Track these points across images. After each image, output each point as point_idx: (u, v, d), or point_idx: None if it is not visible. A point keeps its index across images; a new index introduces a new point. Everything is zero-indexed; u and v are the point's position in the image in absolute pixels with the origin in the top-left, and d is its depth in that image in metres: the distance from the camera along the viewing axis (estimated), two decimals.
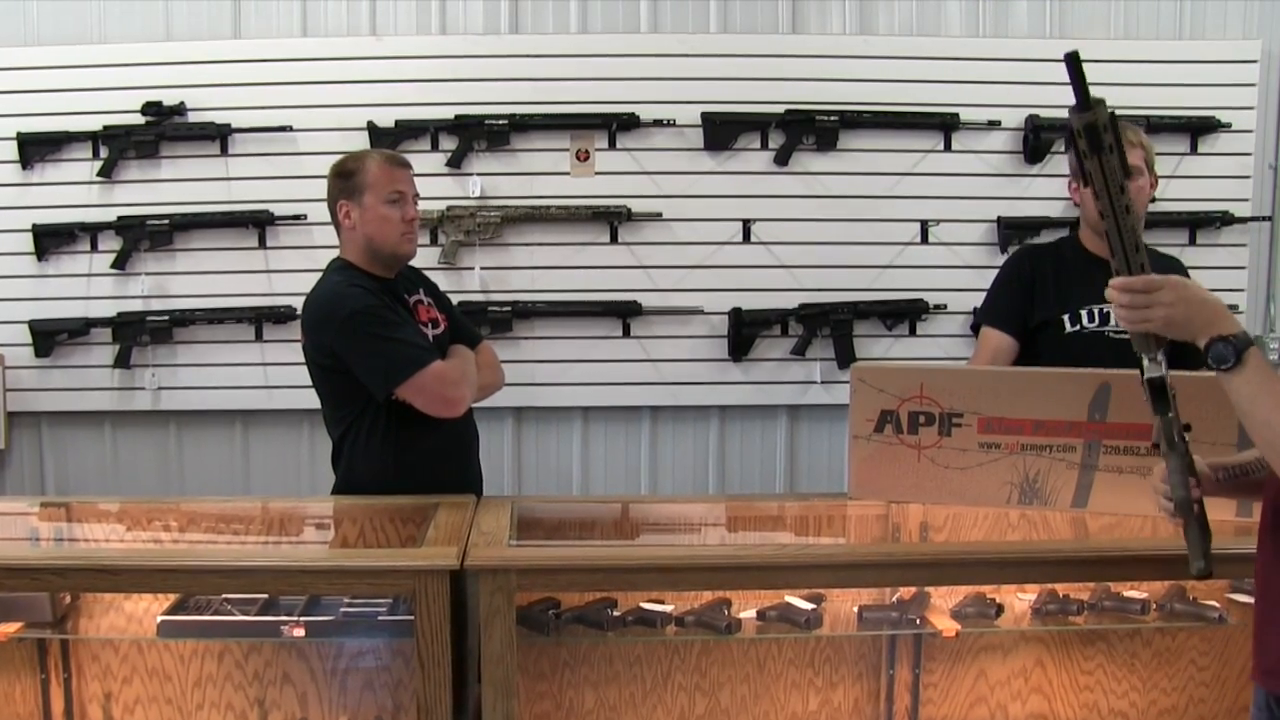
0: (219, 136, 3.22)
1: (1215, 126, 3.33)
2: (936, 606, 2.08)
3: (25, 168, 3.22)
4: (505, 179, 3.29)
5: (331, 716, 2.10)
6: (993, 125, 3.32)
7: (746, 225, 3.32)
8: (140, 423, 3.35)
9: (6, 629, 1.97)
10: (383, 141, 3.20)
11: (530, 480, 3.43)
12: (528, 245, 3.31)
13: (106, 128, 3.21)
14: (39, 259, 3.24)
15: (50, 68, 3.21)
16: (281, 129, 3.22)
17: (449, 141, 3.26)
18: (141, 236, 3.22)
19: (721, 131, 3.29)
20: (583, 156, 3.31)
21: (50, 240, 3.23)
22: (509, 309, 3.28)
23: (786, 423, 3.45)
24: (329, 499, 2.43)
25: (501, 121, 3.24)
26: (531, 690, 2.11)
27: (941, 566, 1.93)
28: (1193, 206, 3.35)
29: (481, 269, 3.30)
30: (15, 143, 3.20)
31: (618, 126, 3.27)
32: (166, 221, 3.22)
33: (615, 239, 3.31)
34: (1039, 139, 3.29)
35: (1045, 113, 3.28)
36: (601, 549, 2.25)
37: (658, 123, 3.27)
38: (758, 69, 3.29)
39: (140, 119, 3.20)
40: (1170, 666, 2.21)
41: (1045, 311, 2.55)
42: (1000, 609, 2.04)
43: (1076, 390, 2.10)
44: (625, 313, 3.31)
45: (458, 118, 3.25)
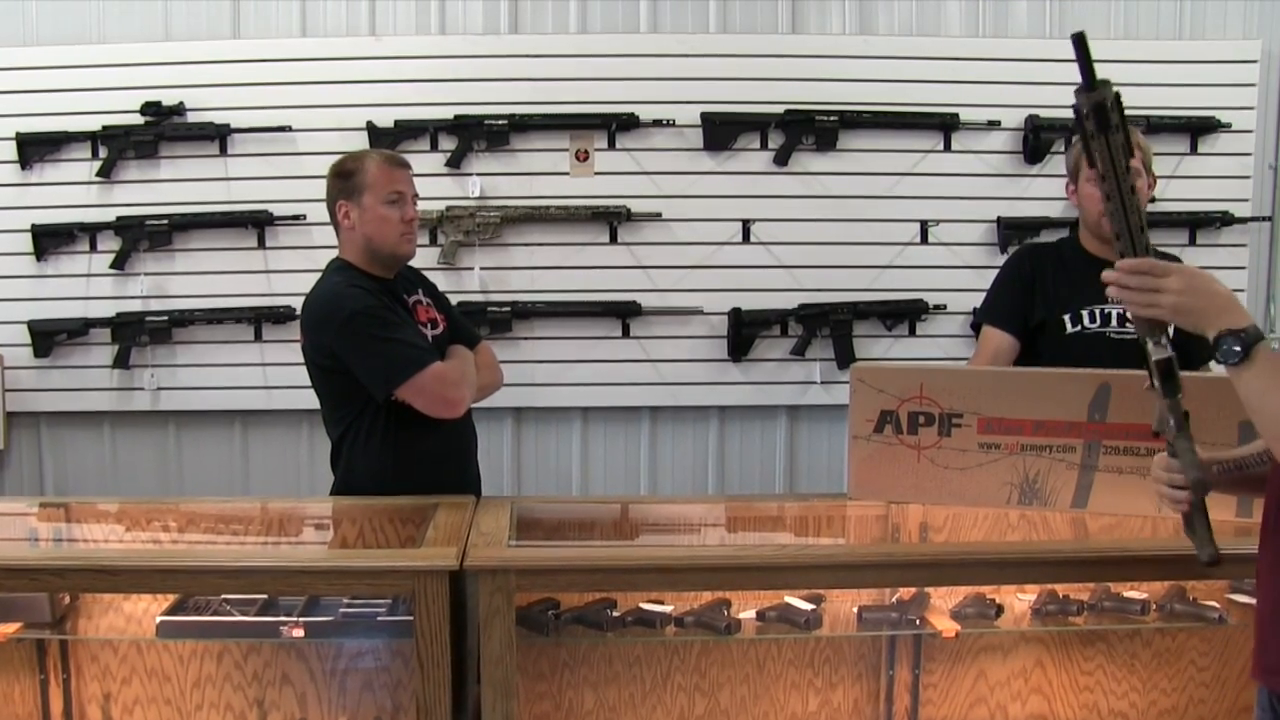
0: (218, 136, 3.22)
1: (1215, 126, 3.33)
2: (936, 607, 2.07)
3: (24, 168, 3.22)
4: (505, 179, 3.29)
5: (331, 717, 2.10)
6: (992, 125, 3.32)
7: (746, 225, 3.32)
8: (139, 423, 3.35)
9: (6, 629, 1.97)
10: (382, 142, 3.19)
11: (530, 480, 3.43)
12: (527, 245, 3.31)
13: (106, 128, 3.21)
14: (38, 259, 3.24)
15: (49, 68, 3.21)
16: (281, 129, 3.22)
17: (448, 141, 3.26)
18: (140, 237, 3.22)
19: (721, 131, 3.29)
20: (582, 156, 3.30)
21: (49, 240, 3.23)
22: (508, 309, 3.28)
23: (786, 423, 3.45)
24: (328, 499, 2.43)
25: (501, 122, 3.24)
26: (531, 691, 2.10)
27: (941, 567, 1.93)
28: (1193, 207, 3.35)
29: (481, 269, 3.29)
30: (14, 143, 3.19)
31: (617, 127, 3.27)
32: (165, 222, 3.22)
33: (615, 239, 3.30)
34: (1039, 139, 3.29)
35: (1045, 113, 3.28)
36: (601, 549, 2.25)
37: (657, 123, 3.27)
38: (757, 69, 3.29)
39: (139, 119, 3.20)
40: (1170, 667, 2.21)
41: (1046, 311, 2.54)
42: (1000, 609, 2.04)
43: (1076, 391, 2.10)
44: (625, 313, 3.31)
45: (457, 118, 3.25)
